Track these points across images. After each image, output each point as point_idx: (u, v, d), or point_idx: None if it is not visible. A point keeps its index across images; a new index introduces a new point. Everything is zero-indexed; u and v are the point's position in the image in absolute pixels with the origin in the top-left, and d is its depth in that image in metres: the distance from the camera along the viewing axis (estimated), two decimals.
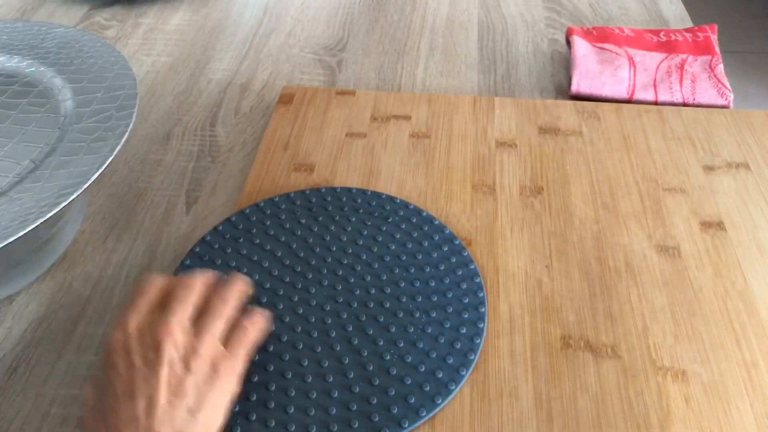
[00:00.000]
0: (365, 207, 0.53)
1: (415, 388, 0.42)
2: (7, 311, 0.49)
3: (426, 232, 0.51)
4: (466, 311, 0.46)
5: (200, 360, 0.37)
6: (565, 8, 0.83)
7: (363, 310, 0.46)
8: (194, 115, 0.67)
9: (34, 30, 0.60)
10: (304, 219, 0.52)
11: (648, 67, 0.68)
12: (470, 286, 0.48)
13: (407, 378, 0.42)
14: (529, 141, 0.61)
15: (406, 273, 0.49)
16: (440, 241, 0.51)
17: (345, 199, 0.54)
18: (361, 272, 0.48)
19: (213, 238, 0.51)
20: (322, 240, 0.51)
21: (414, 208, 0.53)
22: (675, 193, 0.56)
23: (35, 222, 0.40)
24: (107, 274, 0.51)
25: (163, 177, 0.60)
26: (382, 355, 0.44)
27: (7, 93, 0.53)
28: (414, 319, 0.46)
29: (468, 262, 0.49)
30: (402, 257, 0.50)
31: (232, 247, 0.50)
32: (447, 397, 0.42)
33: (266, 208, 0.53)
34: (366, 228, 0.52)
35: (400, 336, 0.45)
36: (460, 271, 0.49)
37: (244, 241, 0.51)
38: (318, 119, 0.63)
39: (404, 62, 0.74)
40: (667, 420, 0.41)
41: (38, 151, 0.47)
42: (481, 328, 0.45)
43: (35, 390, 0.44)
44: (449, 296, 0.47)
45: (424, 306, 0.46)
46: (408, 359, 0.43)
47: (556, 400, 0.42)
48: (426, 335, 0.45)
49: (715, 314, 0.47)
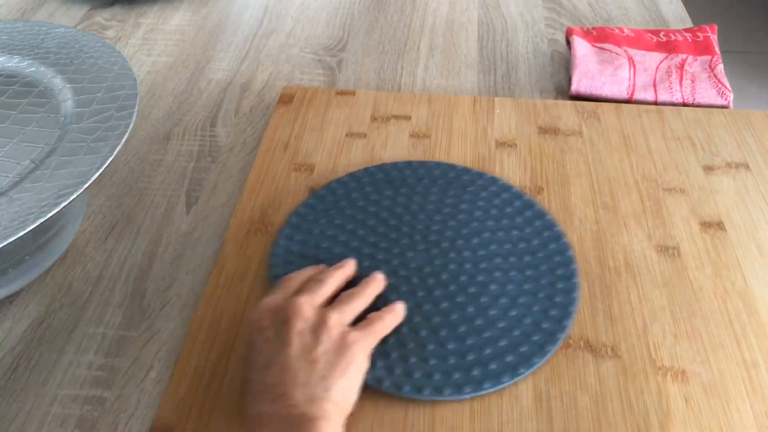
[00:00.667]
0: (443, 178, 0.56)
1: (525, 337, 0.45)
2: (7, 311, 0.49)
3: (505, 199, 0.54)
4: (559, 282, 0.48)
5: (329, 331, 0.39)
6: (565, 8, 0.83)
7: (461, 270, 0.49)
8: (194, 115, 0.67)
9: (34, 30, 0.60)
10: (389, 191, 0.55)
11: (648, 67, 0.68)
12: (557, 247, 0.51)
13: (516, 329, 0.45)
14: (529, 141, 0.61)
15: (493, 236, 0.51)
16: (522, 207, 0.53)
17: (423, 171, 0.57)
18: (452, 237, 0.51)
19: (305, 209, 0.54)
20: (407, 209, 0.53)
21: (490, 177, 0.56)
22: (675, 193, 0.56)
23: (35, 222, 0.40)
24: (107, 274, 0.51)
25: (163, 177, 0.60)
26: (487, 309, 0.46)
27: (7, 93, 0.53)
28: (509, 276, 0.48)
29: (552, 225, 0.52)
30: (488, 222, 0.52)
31: (326, 217, 0.53)
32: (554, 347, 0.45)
33: (349, 182, 0.56)
34: (449, 197, 0.54)
35: (502, 293, 0.47)
36: (546, 233, 0.51)
37: (335, 212, 0.53)
38: (318, 119, 0.63)
39: (404, 62, 0.74)
40: (667, 420, 0.41)
41: (38, 151, 0.47)
42: (574, 298, 0.47)
43: (35, 390, 0.44)
44: (539, 256, 0.50)
45: (517, 266, 0.49)
46: (512, 312, 0.46)
47: (556, 400, 0.42)
48: (526, 282, 0.48)
49: (714, 314, 0.47)
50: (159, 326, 0.48)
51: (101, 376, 0.45)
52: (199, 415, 0.42)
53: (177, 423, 0.41)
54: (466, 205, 0.53)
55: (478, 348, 0.44)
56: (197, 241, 0.54)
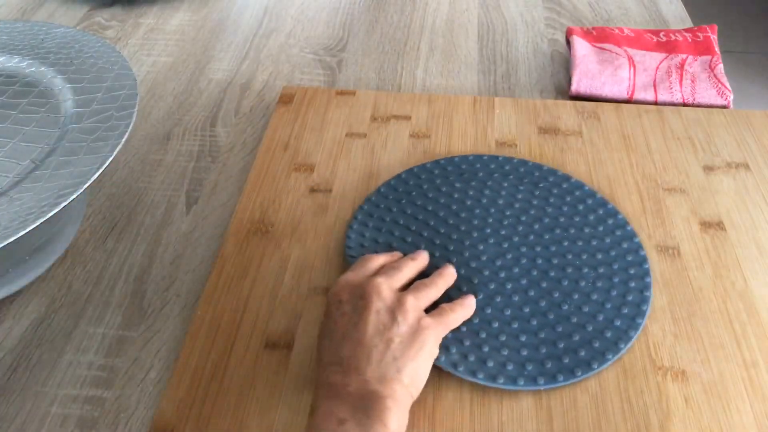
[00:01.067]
0: (514, 173, 0.56)
1: (598, 334, 0.45)
2: (7, 311, 0.49)
3: (578, 197, 0.54)
4: (632, 280, 0.48)
5: (405, 314, 0.40)
6: (565, 8, 0.83)
7: (533, 265, 0.49)
8: (194, 115, 0.67)
9: (34, 30, 0.60)
10: (459, 183, 0.55)
11: (648, 67, 0.68)
12: (630, 246, 0.51)
13: (589, 325, 0.45)
14: (529, 141, 0.61)
15: (566, 233, 0.51)
16: (594, 206, 0.54)
17: (494, 166, 0.57)
18: (524, 232, 0.51)
19: (377, 198, 0.54)
20: (479, 202, 0.54)
21: (562, 174, 0.56)
22: (675, 193, 0.56)
23: (35, 222, 0.40)
24: (107, 274, 0.51)
25: (163, 177, 0.60)
26: (560, 305, 0.46)
27: (7, 93, 0.53)
28: (582, 274, 0.48)
29: (624, 224, 0.52)
30: (560, 219, 0.52)
31: (397, 207, 0.54)
32: (629, 342, 0.45)
33: (420, 173, 0.56)
34: (519, 192, 0.54)
35: (574, 289, 0.47)
36: (618, 232, 0.52)
37: (406, 202, 0.54)
38: (318, 119, 0.63)
39: (404, 62, 0.74)
40: (667, 420, 0.41)
41: (38, 151, 0.47)
42: (647, 296, 0.48)
43: (35, 390, 0.44)
44: (612, 254, 0.50)
45: (589, 263, 0.49)
46: (585, 309, 0.46)
47: (556, 400, 0.42)
48: (599, 281, 0.48)
49: (715, 314, 0.47)
50: (159, 326, 0.48)
51: (101, 376, 0.45)
52: (199, 415, 0.42)
53: (177, 423, 0.41)
54: (538, 201, 0.54)
55: (550, 342, 0.44)
56: (197, 241, 0.54)
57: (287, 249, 0.52)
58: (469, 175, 0.56)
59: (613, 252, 0.50)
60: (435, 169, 0.57)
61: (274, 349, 0.45)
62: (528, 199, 0.54)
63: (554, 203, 0.54)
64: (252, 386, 0.43)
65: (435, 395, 0.43)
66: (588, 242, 0.51)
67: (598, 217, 0.53)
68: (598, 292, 0.47)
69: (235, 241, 0.52)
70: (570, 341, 0.44)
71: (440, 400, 0.42)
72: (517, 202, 0.54)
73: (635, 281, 0.48)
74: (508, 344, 0.44)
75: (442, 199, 0.54)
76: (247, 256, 0.51)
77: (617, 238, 0.51)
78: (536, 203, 0.54)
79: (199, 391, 0.43)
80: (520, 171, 0.57)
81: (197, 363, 0.44)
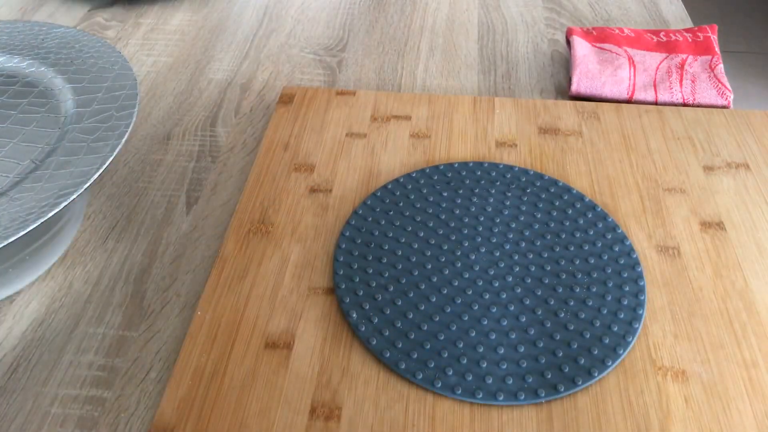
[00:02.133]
0: (501, 179, 0.56)
1: (596, 340, 0.45)
2: (7, 311, 0.49)
3: (566, 201, 0.54)
4: (626, 284, 0.48)
5: None
6: (565, 8, 0.83)
7: (527, 273, 0.48)
8: (194, 115, 0.67)
9: (34, 30, 0.60)
10: (446, 192, 0.55)
11: (648, 67, 0.68)
12: (622, 248, 0.50)
13: (586, 332, 0.45)
14: (529, 141, 0.61)
15: (558, 239, 0.51)
16: (583, 209, 0.53)
17: (479, 172, 0.57)
18: (514, 239, 0.51)
19: (365, 210, 0.54)
20: (467, 211, 0.53)
21: (549, 179, 0.56)
22: (675, 193, 0.56)
23: (35, 222, 0.40)
24: (107, 274, 0.51)
25: (164, 177, 0.60)
26: (556, 312, 0.46)
27: (7, 93, 0.53)
28: (576, 279, 0.48)
29: (615, 227, 0.52)
30: (550, 224, 0.52)
31: (385, 219, 0.53)
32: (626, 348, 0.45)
33: (406, 183, 0.56)
34: (507, 198, 0.54)
35: (569, 296, 0.47)
36: (610, 235, 0.51)
37: (394, 213, 0.53)
38: (318, 119, 0.63)
39: (404, 62, 0.74)
40: (667, 420, 0.41)
41: (38, 151, 0.47)
42: (641, 300, 0.47)
43: (35, 390, 0.44)
44: (604, 258, 0.50)
45: (582, 268, 0.49)
46: (582, 315, 0.46)
47: (556, 400, 0.42)
48: (593, 286, 0.48)
49: (715, 314, 0.47)
50: (159, 326, 0.48)
51: (101, 376, 0.45)
52: (199, 415, 0.42)
53: (177, 423, 0.41)
54: (527, 207, 0.53)
55: (550, 351, 0.44)
56: (197, 241, 0.54)
57: (287, 249, 0.52)
58: (457, 182, 0.56)
59: (605, 256, 0.50)
60: (421, 178, 0.56)
61: (274, 349, 0.45)
62: (517, 206, 0.54)
63: (543, 208, 0.53)
64: (252, 386, 0.43)
65: (435, 395, 0.43)
66: (580, 247, 0.50)
67: (588, 222, 0.52)
68: (593, 297, 0.47)
69: (235, 241, 0.52)
70: (569, 349, 0.44)
71: (440, 400, 0.42)
72: (507, 208, 0.53)
73: (629, 285, 0.48)
74: (507, 356, 0.44)
75: (430, 209, 0.54)
76: (247, 256, 0.51)
77: (608, 241, 0.51)
78: (525, 209, 0.53)
79: (199, 391, 0.43)
80: (507, 177, 0.56)
81: (197, 363, 0.44)
